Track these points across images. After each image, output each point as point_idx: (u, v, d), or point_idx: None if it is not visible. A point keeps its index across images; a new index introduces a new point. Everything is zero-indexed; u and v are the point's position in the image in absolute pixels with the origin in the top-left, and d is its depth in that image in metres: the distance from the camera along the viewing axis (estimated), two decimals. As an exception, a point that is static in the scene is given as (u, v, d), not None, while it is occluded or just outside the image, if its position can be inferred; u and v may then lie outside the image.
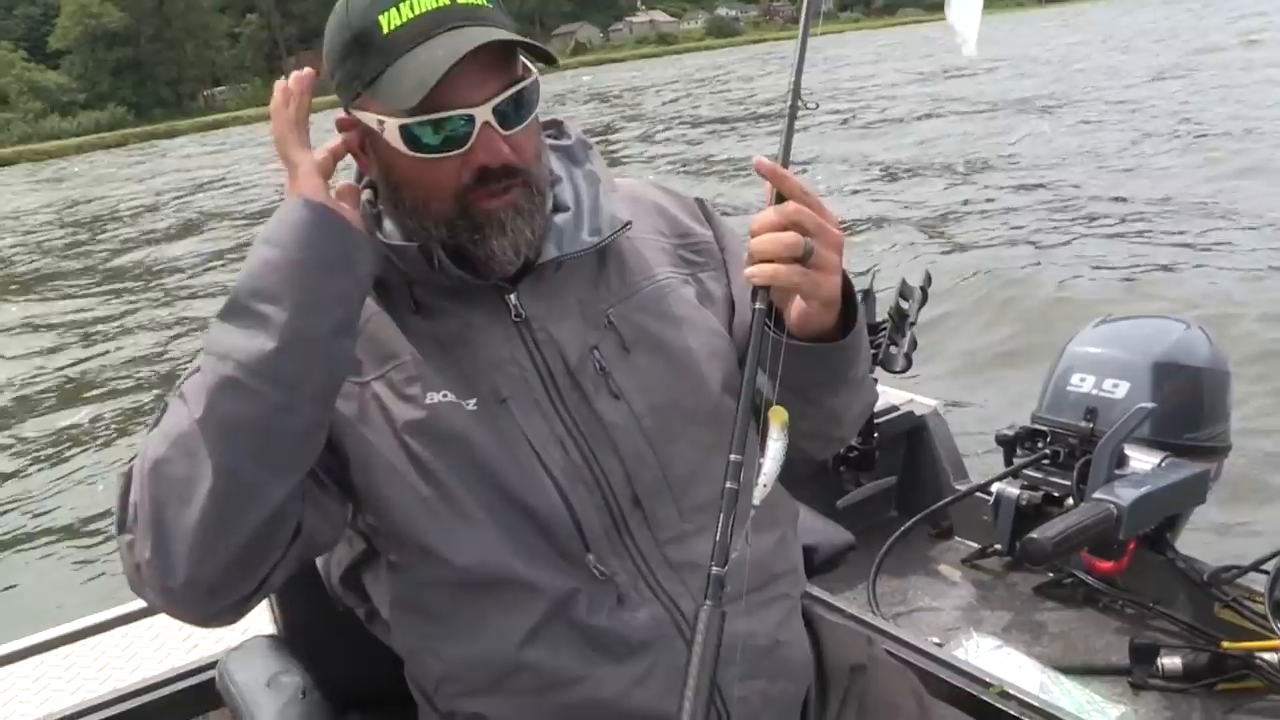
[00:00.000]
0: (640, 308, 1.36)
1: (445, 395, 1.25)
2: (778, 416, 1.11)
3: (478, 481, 1.23)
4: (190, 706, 1.91)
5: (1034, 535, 1.86)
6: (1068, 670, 2.15)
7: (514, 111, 1.22)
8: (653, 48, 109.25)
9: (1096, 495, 1.98)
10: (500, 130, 1.21)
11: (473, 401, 1.25)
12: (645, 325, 1.35)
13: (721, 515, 1.11)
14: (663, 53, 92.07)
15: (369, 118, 1.23)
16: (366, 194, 1.32)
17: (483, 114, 1.20)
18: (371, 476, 1.23)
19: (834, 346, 1.21)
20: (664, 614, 1.28)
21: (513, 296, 1.29)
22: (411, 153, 1.21)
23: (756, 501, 1.11)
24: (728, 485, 1.11)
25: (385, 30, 1.20)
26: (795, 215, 1.12)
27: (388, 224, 1.31)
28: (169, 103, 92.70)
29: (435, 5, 1.20)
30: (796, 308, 1.17)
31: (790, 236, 1.11)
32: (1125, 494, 1.95)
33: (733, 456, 1.12)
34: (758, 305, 1.13)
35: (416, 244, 1.26)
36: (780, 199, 1.13)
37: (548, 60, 1.28)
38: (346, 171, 1.32)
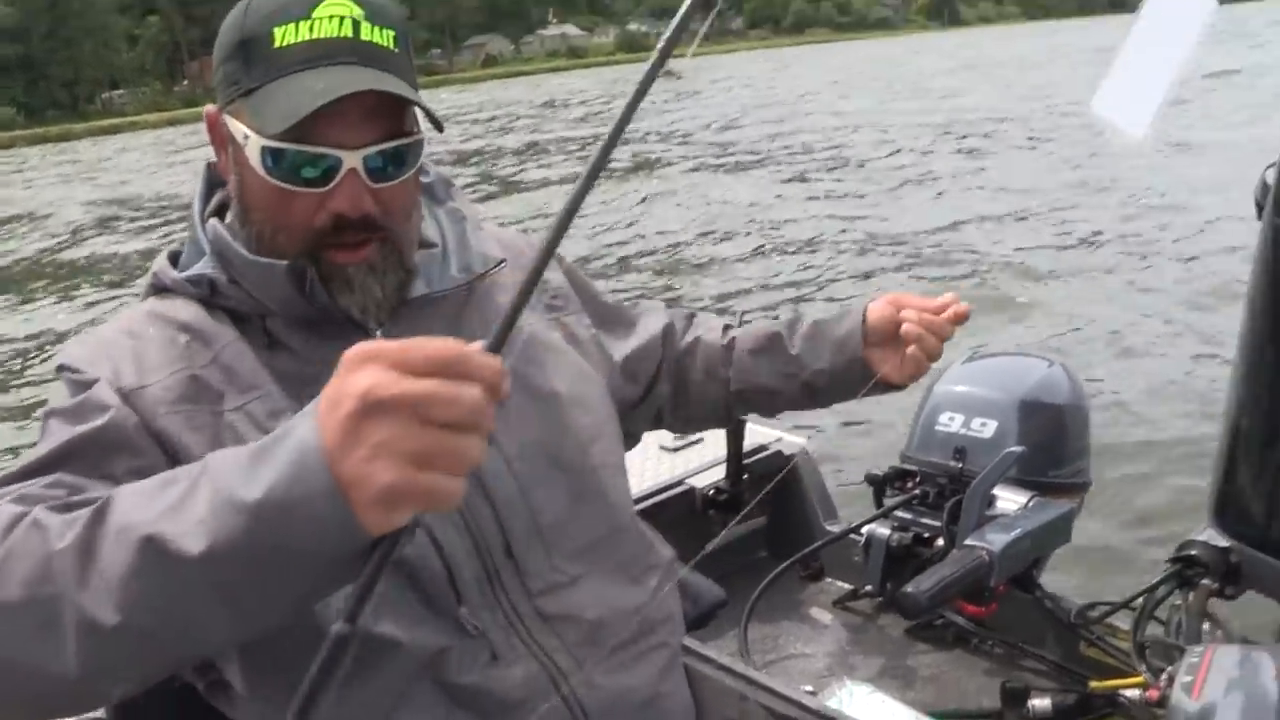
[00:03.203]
0: (506, 350, 1.31)
1: None
2: None
3: None
4: None
5: (908, 589, 1.84)
6: (941, 715, 2.12)
7: (389, 165, 1.17)
8: (563, 61, 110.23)
9: (968, 542, 1.97)
10: (368, 181, 1.15)
11: None
12: (513, 367, 1.30)
13: None
14: (572, 66, 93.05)
15: (237, 128, 1.16)
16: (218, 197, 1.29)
17: (351, 159, 1.13)
18: None
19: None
20: (539, 670, 1.23)
21: (379, 333, 1.23)
22: (269, 178, 1.14)
23: None
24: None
25: (276, 43, 1.13)
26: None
27: (239, 236, 1.24)
28: (63, 105, 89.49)
29: (335, 34, 1.14)
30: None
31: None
32: (996, 539, 1.95)
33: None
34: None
35: (286, 263, 1.18)
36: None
37: (436, 126, 1.21)
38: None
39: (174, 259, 1.30)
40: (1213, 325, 6.26)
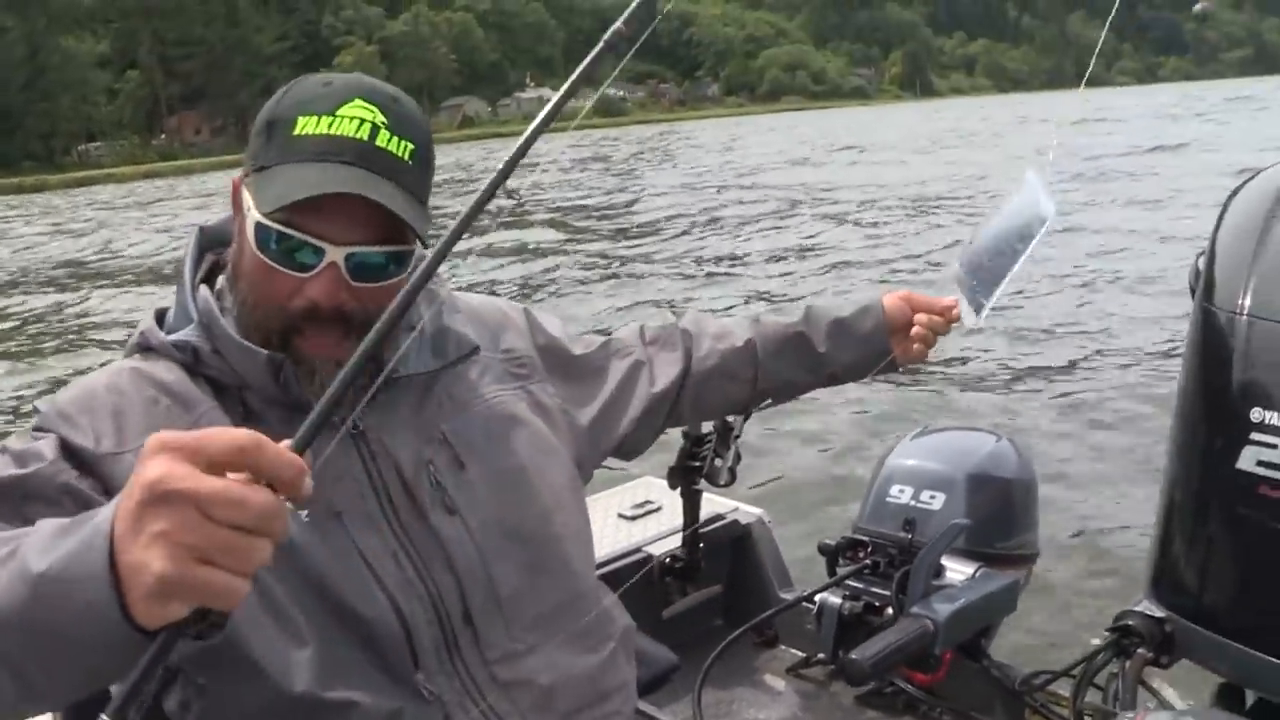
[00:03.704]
0: (471, 424, 1.37)
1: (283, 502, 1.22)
2: None
3: (307, 594, 1.20)
4: None
5: (853, 656, 1.89)
6: (888, 781, 2.18)
7: (374, 267, 1.21)
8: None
9: (914, 610, 2.03)
10: (348, 277, 1.20)
11: (304, 513, 1.22)
12: (476, 442, 1.36)
13: None
14: (550, 130, 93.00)
15: (246, 199, 1.23)
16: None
17: (334, 254, 1.19)
18: None
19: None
20: None
21: (349, 418, 1.28)
22: (258, 253, 1.20)
23: None
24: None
25: (296, 130, 1.20)
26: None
27: (228, 299, 1.28)
28: (39, 156, 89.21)
29: (351, 134, 1.19)
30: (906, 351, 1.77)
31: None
32: (941, 609, 2.00)
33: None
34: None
35: (266, 354, 1.23)
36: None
37: (422, 244, 1.26)
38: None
39: (159, 318, 1.35)
40: (1162, 400, 6.40)
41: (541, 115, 0.98)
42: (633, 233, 18.07)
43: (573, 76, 1.01)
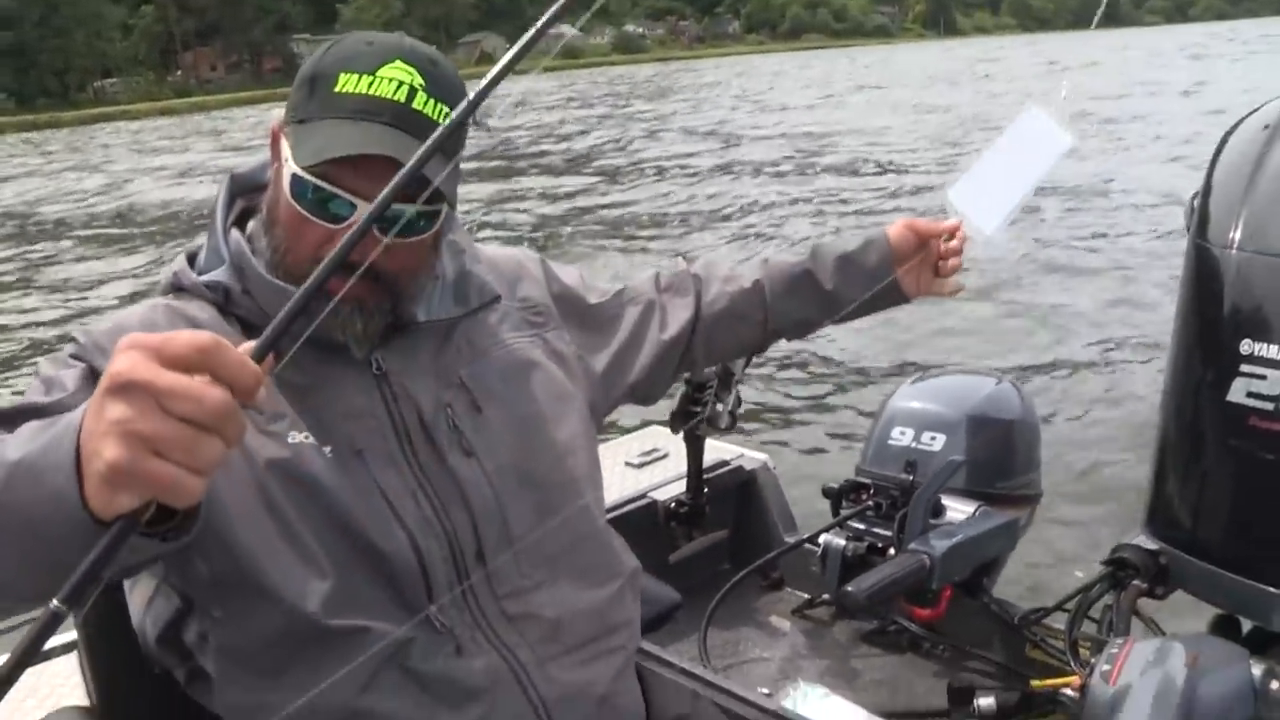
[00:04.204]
0: (489, 370, 1.42)
1: (307, 437, 1.26)
2: None
3: (328, 528, 1.24)
4: None
5: (849, 588, 1.93)
6: (891, 715, 2.22)
7: (404, 225, 1.24)
8: (558, 60, 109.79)
9: (911, 546, 2.06)
10: (377, 233, 1.22)
11: (329, 449, 1.26)
12: (494, 387, 1.40)
13: None
14: (567, 66, 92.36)
15: (284, 148, 1.26)
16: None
17: (364, 209, 1.21)
18: (219, 512, 1.20)
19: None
20: (500, 663, 1.31)
21: (374, 356, 1.32)
22: (293, 202, 1.23)
23: None
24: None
25: (337, 87, 1.24)
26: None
27: (260, 242, 1.31)
28: (54, 93, 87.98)
29: (389, 95, 1.23)
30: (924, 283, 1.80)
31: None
32: (938, 545, 2.04)
33: None
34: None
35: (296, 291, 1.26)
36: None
37: (451, 206, 1.30)
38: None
39: (191, 259, 1.39)
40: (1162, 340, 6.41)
41: (524, 39, 0.98)
42: (648, 173, 17.91)
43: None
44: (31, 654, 0.78)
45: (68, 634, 2.09)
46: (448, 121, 0.97)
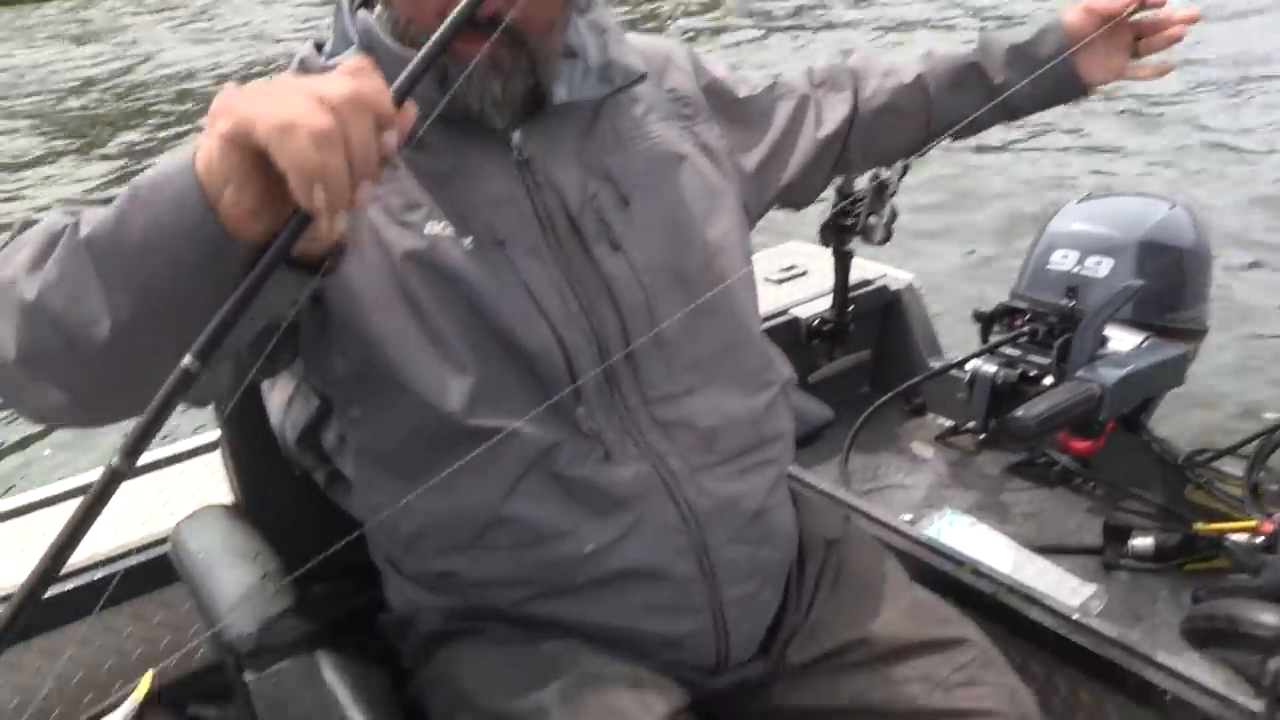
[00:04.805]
0: (636, 161, 1.32)
1: (445, 228, 1.18)
2: None
3: (470, 323, 1.17)
4: (143, 582, 1.83)
5: (1018, 414, 1.82)
6: (1040, 549, 2.13)
7: None
8: None
9: (1079, 374, 1.94)
10: None
11: (469, 240, 1.18)
12: (641, 179, 1.30)
13: None
14: None
15: None
16: None
17: None
18: (354, 304, 1.14)
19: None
20: (650, 471, 1.24)
21: (516, 134, 1.22)
22: None
23: None
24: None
25: None
26: None
27: (385, 20, 1.22)
28: None
29: None
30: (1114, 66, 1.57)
31: None
32: (1108, 374, 1.91)
33: None
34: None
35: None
36: None
37: None
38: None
39: (319, 47, 1.29)
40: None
41: None
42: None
43: None
44: (163, 414, 0.73)
45: (213, 431, 2.11)
46: None
